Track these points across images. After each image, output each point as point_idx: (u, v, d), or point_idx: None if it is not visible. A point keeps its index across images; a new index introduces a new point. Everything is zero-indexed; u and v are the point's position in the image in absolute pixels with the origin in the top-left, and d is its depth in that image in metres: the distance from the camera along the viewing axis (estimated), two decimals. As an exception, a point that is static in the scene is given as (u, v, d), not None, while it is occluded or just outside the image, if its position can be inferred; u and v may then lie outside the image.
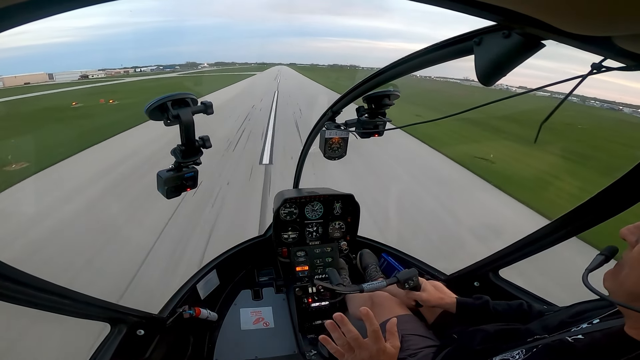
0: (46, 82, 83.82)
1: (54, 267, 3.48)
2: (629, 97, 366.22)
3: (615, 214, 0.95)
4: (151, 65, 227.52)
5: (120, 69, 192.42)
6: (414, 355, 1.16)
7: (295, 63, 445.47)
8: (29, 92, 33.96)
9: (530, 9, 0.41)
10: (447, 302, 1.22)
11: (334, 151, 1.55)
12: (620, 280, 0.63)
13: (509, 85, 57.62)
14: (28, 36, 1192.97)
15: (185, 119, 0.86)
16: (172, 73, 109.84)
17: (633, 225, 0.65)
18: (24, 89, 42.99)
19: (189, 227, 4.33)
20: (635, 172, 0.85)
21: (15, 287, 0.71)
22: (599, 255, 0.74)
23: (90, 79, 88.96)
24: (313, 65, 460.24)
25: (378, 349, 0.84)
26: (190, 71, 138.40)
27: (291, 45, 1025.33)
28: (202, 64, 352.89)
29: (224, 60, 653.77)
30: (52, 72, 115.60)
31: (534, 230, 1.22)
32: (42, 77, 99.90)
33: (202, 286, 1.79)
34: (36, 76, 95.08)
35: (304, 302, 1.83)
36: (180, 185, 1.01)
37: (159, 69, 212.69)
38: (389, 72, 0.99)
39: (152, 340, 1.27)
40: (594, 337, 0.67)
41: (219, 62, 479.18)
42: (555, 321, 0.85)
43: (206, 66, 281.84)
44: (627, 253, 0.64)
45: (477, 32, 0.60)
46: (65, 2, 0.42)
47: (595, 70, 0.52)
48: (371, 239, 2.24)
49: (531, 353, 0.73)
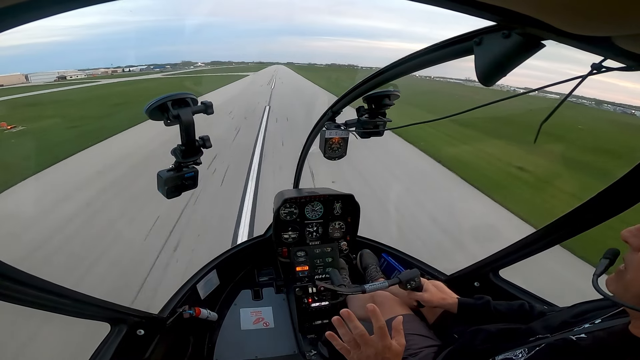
0: (23, 83, 77.18)
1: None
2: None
3: (615, 214, 0.94)
4: (142, 65, 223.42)
5: (108, 68, 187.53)
6: (415, 355, 1.16)
7: (292, 62, 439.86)
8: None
9: (530, 9, 0.41)
10: (449, 303, 1.22)
11: (334, 151, 1.55)
12: (625, 283, 0.62)
13: (511, 86, 57.50)
14: (29, 34, 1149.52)
15: (185, 119, 0.87)
16: (158, 74, 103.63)
17: (634, 227, 0.64)
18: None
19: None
20: (635, 173, 0.85)
21: (15, 287, 0.71)
22: (604, 259, 0.74)
23: (67, 80, 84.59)
24: (311, 64, 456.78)
25: (384, 345, 0.84)
26: (178, 71, 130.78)
27: (289, 45, 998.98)
28: (197, 63, 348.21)
29: (221, 59, 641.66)
30: (45, 71, 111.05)
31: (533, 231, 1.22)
32: (18, 78, 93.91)
33: (202, 286, 1.78)
34: (10, 77, 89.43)
35: (304, 302, 1.83)
36: (181, 185, 1.01)
37: (149, 68, 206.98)
38: (389, 72, 0.99)
39: (152, 340, 1.27)
40: (597, 336, 0.67)
41: (215, 61, 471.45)
42: (556, 321, 0.85)
43: (201, 65, 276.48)
44: (629, 255, 0.63)
45: (477, 32, 0.60)
46: (65, 2, 0.42)
47: (595, 71, 0.52)
48: (371, 239, 2.24)
49: (534, 352, 0.72)
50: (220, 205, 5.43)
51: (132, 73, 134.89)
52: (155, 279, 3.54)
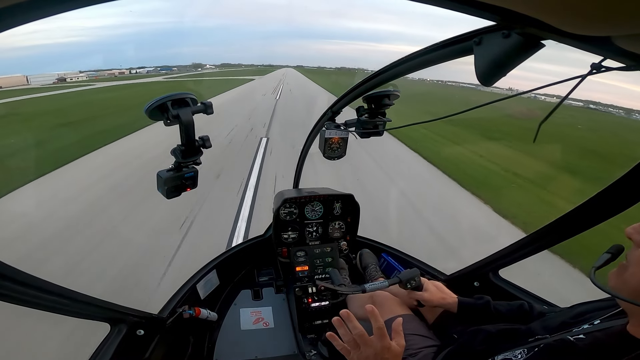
0: (23, 85, 75.10)
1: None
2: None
3: (615, 214, 0.95)
4: (148, 67, 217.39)
5: (117, 70, 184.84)
6: (415, 355, 1.16)
7: (302, 65, 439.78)
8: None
9: (530, 9, 0.41)
10: (449, 302, 1.22)
11: (333, 151, 1.55)
12: (625, 278, 0.63)
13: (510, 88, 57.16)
14: (39, 35, 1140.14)
15: (185, 119, 0.87)
16: (163, 76, 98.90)
17: (639, 224, 0.64)
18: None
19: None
20: (634, 173, 0.85)
21: (15, 287, 0.71)
22: (605, 254, 0.74)
23: (67, 83, 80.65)
24: (320, 67, 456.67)
25: (383, 346, 0.85)
26: (182, 74, 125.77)
27: (298, 48, 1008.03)
28: (205, 65, 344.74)
29: (231, 61, 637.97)
30: (59, 72, 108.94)
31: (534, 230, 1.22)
32: (19, 79, 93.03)
33: (202, 286, 1.78)
34: (11, 79, 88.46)
35: (304, 302, 1.83)
36: (180, 185, 1.01)
37: (156, 70, 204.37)
38: (389, 72, 0.99)
39: (152, 340, 1.27)
40: (595, 337, 0.67)
41: (225, 63, 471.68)
42: (556, 322, 0.85)
43: (208, 68, 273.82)
44: (631, 252, 0.64)
45: (477, 32, 0.60)
46: (65, 2, 0.42)
47: (595, 70, 0.52)
48: (371, 239, 2.24)
49: (533, 352, 0.73)
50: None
51: (137, 75, 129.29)
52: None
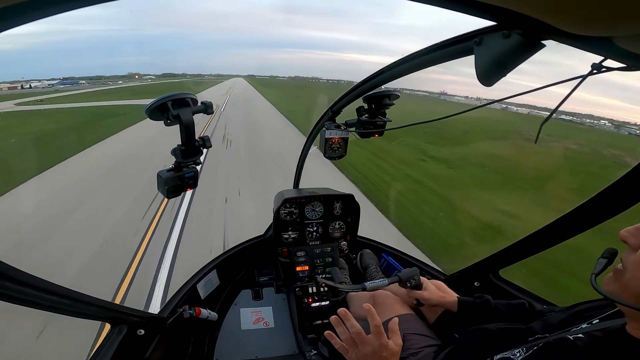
0: None
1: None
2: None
3: (614, 214, 0.95)
4: (54, 80, 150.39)
5: (11, 82, 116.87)
6: (415, 355, 1.16)
7: (254, 75, 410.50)
8: None
9: (530, 9, 0.41)
10: (449, 301, 1.22)
11: (334, 151, 1.55)
12: (623, 283, 0.62)
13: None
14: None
15: (185, 119, 0.87)
16: (61, 92, 65.40)
17: (633, 227, 0.64)
18: None
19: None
20: (634, 173, 0.85)
21: (15, 287, 0.71)
22: (602, 259, 0.74)
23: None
24: (272, 77, 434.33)
25: (380, 344, 0.85)
26: (84, 90, 75.93)
27: (250, 57, 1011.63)
28: (146, 75, 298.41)
29: (174, 71, 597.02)
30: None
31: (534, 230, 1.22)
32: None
33: (202, 286, 1.78)
34: None
35: (304, 302, 1.83)
36: (181, 185, 1.01)
37: (61, 83, 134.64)
38: (389, 72, 0.99)
39: (152, 340, 1.27)
40: (594, 336, 0.67)
41: (167, 73, 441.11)
42: (555, 321, 0.86)
43: (146, 78, 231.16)
44: (627, 255, 0.63)
45: (477, 32, 0.60)
46: (65, 2, 0.42)
47: (595, 71, 0.52)
48: (371, 239, 2.24)
49: (532, 351, 0.73)
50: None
51: (24, 93, 68.57)
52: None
